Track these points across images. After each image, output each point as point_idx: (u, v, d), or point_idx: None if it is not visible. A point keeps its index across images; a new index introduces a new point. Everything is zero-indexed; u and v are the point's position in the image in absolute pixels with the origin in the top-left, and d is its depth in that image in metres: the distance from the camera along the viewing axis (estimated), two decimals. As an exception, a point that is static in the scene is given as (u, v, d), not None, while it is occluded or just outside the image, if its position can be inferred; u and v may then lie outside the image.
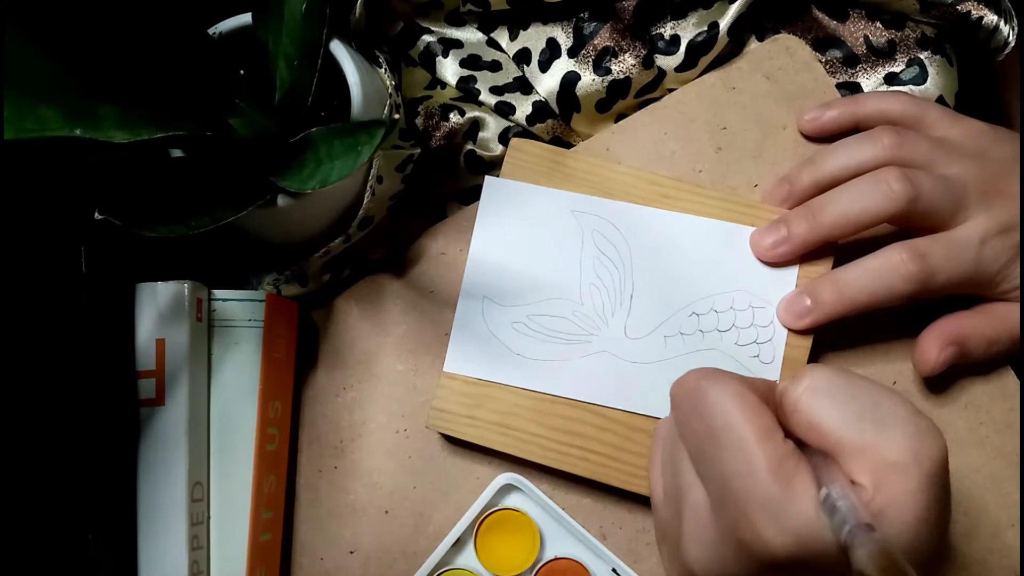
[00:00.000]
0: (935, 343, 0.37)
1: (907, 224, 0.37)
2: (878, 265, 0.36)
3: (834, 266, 0.38)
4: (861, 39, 0.42)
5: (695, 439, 0.28)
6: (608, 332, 0.38)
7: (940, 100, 0.41)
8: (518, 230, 0.40)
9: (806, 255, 0.38)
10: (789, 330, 0.38)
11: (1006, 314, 0.37)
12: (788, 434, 0.29)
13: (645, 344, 0.38)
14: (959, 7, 0.40)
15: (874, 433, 0.26)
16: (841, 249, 0.38)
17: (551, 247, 0.39)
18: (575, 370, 0.38)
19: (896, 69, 0.42)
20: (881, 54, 0.42)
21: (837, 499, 0.25)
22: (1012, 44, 0.40)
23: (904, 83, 0.41)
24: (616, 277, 0.39)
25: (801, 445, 0.28)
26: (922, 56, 0.41)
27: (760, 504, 0.25)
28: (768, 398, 0.29)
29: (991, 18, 0.40)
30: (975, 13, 0.40)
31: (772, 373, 0.38)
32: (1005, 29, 0.40)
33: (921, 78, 0.41)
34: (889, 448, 0.26)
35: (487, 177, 0.40)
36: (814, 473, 0.26)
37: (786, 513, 0.25)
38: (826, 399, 0.27)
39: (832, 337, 0.39)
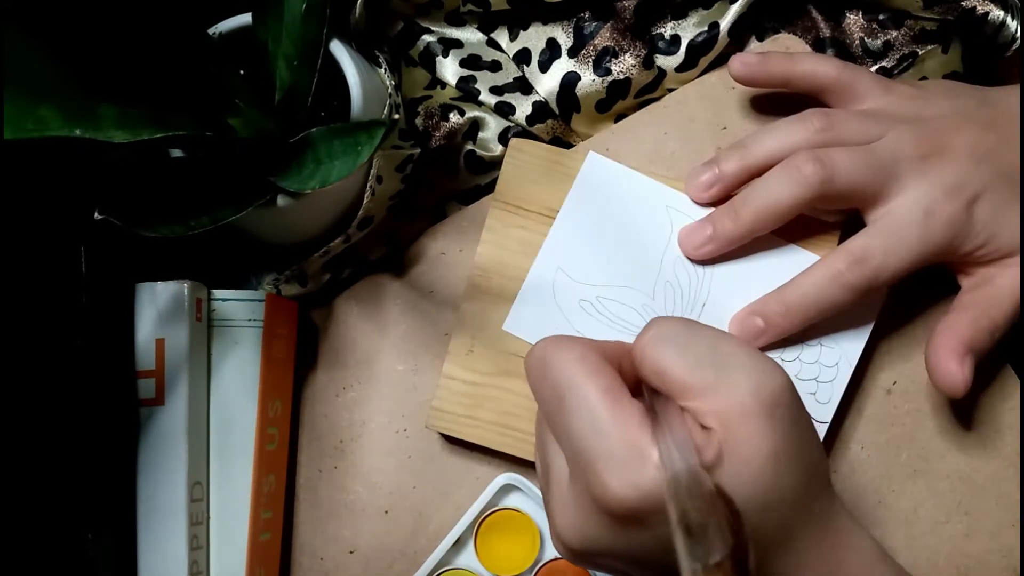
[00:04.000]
0: (952, 361, 0.35)
1: (835, 205, 0.36)
2: (819, 278, 0.35)
3: None
4: (858, 40, 0.42)
5: (547, 406, 0.28)
6: None
7: None
8: (608, 210, 0.39)
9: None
10: None
11: (989, 297, 0.36)
12: (647, 388, 0.29)
13: None
14: (963, 2, 0.40)
15: (715, 376, 0.26)
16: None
17: (637, 236, 0.39)
18: None
19: (891, 65, 0.42)
20: (877, 55, 0.42)
21: (671, 440, 0.25)
22: (1020, 40, 0.40)
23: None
24: (694, 282, 0.38)
25: (658, 398, 0.28)
26: (919, 51, 0.41)
27: (606, 460, 0.25)
28: (623, 357, 0.29)
29: (997, 13, 0.40)
30: (980, 8, 0.40)
31: (825, 414, 0.37)
32: (1012, 25, 0.40)
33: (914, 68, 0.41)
34: (730, 390, 0.26)
35: (591, 152, 0.40)
36: (661, 422, 0.27)
37: (631, 467, 0.25)
38: (668, 346, 0.27)
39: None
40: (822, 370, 0.37)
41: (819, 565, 0.27)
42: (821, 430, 0.37)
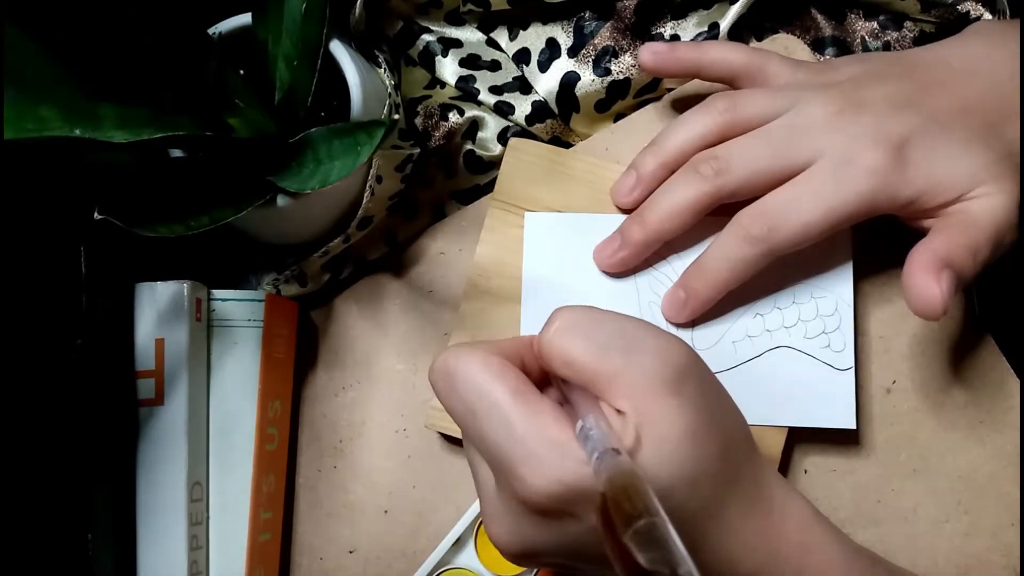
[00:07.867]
0: (928, 275, 0.32)
1: (750, 194, 0.35)
2: (729, 241, 0.35)
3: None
4: (858, 40, 0.42)
5: (459, 418, 0.28)
6: None
7: None
8: (567, 263, 0.39)
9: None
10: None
11: (964, 220, 0.33)
12: (556, 380, 0.29)
13: (715, 353, 0.37)
14: (959, 7, 0.40)
15: (621, 360, 0.26)
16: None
17: (604, 273, 0.39)
18: None
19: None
20: (880, 54, 0.42)
21: (589, 430, 0.25)
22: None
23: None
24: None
25: (570, 389, 0.28)
26: None
27: (526, 460, 0.25)
28: (524, 352, 0.29)
29: (988, 18, 0.40)
30: (974, 13, 0.40)
31: (847, 360, 0.37)
32: None
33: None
34: (636, 371, 0.26)
35: (527, 214, 0.39)
36: (574, 413, 0.26)
37: (552, 462, 0.25)
38: (574, 336, 0.27)
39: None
40: (825, 321, 0.37)
41: (754, 532, 0.27)
42: (848, 377, 0.37)
